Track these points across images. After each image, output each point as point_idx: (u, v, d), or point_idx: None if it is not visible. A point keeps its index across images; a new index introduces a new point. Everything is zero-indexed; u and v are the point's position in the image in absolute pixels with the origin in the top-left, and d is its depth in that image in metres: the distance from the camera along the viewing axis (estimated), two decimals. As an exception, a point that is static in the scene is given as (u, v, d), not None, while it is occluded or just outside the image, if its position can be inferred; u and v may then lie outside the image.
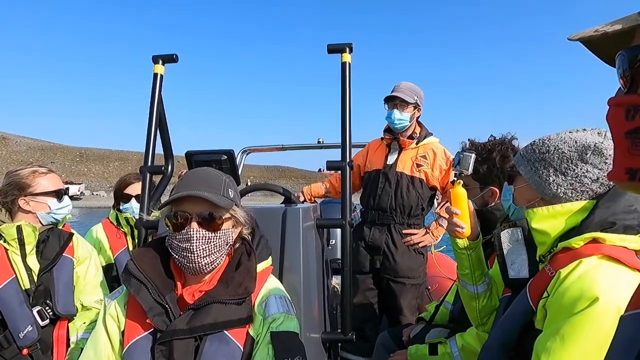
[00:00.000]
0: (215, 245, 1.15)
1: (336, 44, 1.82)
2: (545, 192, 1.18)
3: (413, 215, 2.59)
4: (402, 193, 2.55)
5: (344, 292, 1.70)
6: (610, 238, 1.04)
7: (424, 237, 2.58)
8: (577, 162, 1.12)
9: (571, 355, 0.95)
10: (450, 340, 1.65)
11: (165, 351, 1.09)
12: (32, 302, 1.67)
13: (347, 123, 1.77)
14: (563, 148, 1.14)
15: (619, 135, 0.48)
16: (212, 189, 1.16)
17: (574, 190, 1.13)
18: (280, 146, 3.78)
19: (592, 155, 1.11)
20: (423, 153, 2.59)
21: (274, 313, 1.16)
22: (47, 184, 1.77)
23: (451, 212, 1.42)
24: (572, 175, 1.13)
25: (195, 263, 1.12)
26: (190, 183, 1.18)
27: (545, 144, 1.19)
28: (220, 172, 1.26)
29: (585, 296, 0.97)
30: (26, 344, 1.61)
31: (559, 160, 1.14)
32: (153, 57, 1.96)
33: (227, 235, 1.19)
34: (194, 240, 1.11)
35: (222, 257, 1.19)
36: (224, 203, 1.15)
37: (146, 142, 1.93)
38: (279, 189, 2.01)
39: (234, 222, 1.22)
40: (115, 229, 2.46)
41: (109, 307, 1.20)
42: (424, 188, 2.58)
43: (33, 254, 1.72)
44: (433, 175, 2.57)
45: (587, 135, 1.13)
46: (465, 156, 1.46)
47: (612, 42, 0.50)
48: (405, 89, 2.58)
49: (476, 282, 1.44)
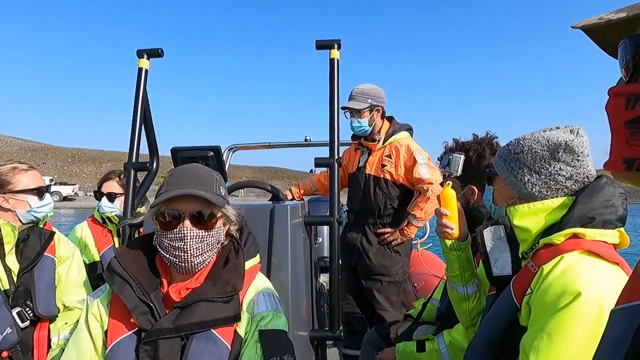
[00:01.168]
0: (209, 244, 1.13)
1: (325, 40, 1.82)
2: (521, 191, 1.20)
3: (384, 215, 2.64)
4: (370, 194, 2.62)
5: (332, 289, 1.70)
6: (590, 233, 1.07)
7: (394, 235, 2.62)
8: (549, 161, 1.15)
9: (559, 351, 0.97)
10: (437, 337, 1.67)
11: (150, 351, 1.07)
12: (11, 304, 1.62)
13: (335, 120, 1.77)
14: (536, 147, 1.17)
15: (618, 125, 0.47)
16: (205, 186, 1.14)
17: (549, 189, 1.16)
18: (267, 144, 3.76)
19: (564, 154, 1.13)
20: (388, 152, 2.63)
21: (262, 311, 1.15)
22: (28, 181, 1.73)
23: (440, 213, 1.42)
24: (545, 174, 1.16)
25: (188, 262, 1.10)
26: (182, 180, 1.15)
27: (520, 144, 1.21)
28: (210, 169, 1.23)
29: (568, 291, 0.99)
30: (5, 346, 1.57)
31: (533, 160, 1.17)
32: (138, 52, 1.93)
33: (219, 234, 1.17)
34: (187, 239, 1.09)
35: (212, 256, 1.17)
36: (219, 201, 1.13)
37: (130, 138, 1.90)
38: (267, 186, 2.00)
39: (224, 220, 1.20)
40: (100, 227, 2.42)
41: (92, 306, 1.18)
42: (390, 187, 2.61)
43: (12, 253, 1.67)
44: (398, 174, 2.60)
45: (559, 134, 1.15)
46: (454, 157, 1.46)
47: (615, 31, 0.50)
48: (356, 95, 2.62)
49: (466, 283, 1.45)
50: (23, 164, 1.77)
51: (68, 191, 43.52)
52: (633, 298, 0.51)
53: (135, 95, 1.91)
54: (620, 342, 0.49)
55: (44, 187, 1.78)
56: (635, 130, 0.45)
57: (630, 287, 0.54)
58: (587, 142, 1.15)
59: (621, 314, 0.53)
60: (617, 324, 0.53)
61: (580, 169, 1.14)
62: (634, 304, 0.51)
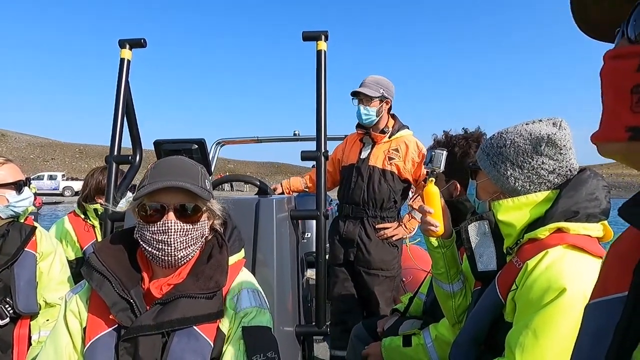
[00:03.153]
0: (192, 238, 1.11)
1: (312, 32, 1.79)
2: (504, 186, 1.19)
3: (385, 208, 2.62)
4: (374, 186, 2.58)
5: (318, 284, 1.69)
6: (574, 227, 1.06)
7: (397, 230, 2.61)
8: (532, 155, 1.13)
9: (545, 348, 0.96)
10: (423, 332, 1.66)
11: (130, 348, 1.04)
12: None
13: (322, 112, 1.75)
14: (518, 141, 1.15)
15: (622, 90, 0.43)
16: (190, 179, 1.11)
17: (532, 183, 1.15)
18: (255, 138, 3.73)
19: (546, 147, 1.12)
20: (395, 146, 2.61)
21: (245, 307, 1.13)
22: (5, 175, 1.68)
23: (424, 211, 1.41)
24: (528, 168, 1.14)
25: (172, 256, 1.08)
26: (166, 173, 1.11)
27: (503, 138, 1.19)
28: (195, 162, 1.20)
29: (553, 287, 0.98)
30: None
31: (515, 154, 1.15)
32: (120, 42, 1.88)
33: (204, 228, 1.15)
34: (171, 233, 1.07)
35: (196, 250, 1.15)
36: (204, 194, 1.11)
37: (112, 130, 1.86)
38: (254, 180, 1.98)
39: (209, 214, 1.18)
40: (82, 222, 2.37)
41: (70, 302, 1.14)
42: (396, 181, 2.60)
43: None
44: (405, 168, 2.59)
45: (541, 127, 1.14)
46: (437, 154, 1.44)
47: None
48: (370, 83, 2.59)
49: (452, 280, 1.44)
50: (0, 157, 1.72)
51: (79, 186, 44.28)
52: (609, 291, 0.50)
53: (117, 87, 1.86)
54: (600, 338, 0.48)
55: (22, 181, 1.74)
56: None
57: (603, 280, 0.53)
58: (569, 135, 1.13)
59: (597, 308, 0.52)
60: (594, 319, 0.52)
61: (563, 162, 1.13)
62: (611, 297, 0.49)
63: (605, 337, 0.46)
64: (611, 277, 0.51)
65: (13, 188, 1.69)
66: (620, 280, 0.48)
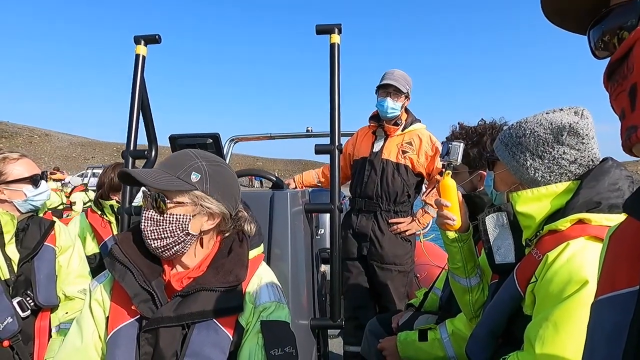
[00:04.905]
0: (165, 230, 1.07)
1: (325, 25, 1.78)
2: (523, 176, 1.17)
3: (399, 202, 2.60)
4: (387, 180, 2.56)
5: (333, 277, 1.69)
6: (596, 218, 1.03)
7: (411, 225, 2.59)
8: (553, 145, 1.11)
9: (565, 341, 0.94)
10: (440, 326, 1.65)
11: (151, 339, 1.05)
12: (12, 293, 1.62)
13: (336, 106, 1.75)
14: (539, 131, 1.12)
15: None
16: (169, 170, 1.09)
17: (552, 173, 1.12)
18: (268, 135, 3.74)
19: (568, 137, 1.09)
20: (409, 140, 2.59)
21: (265, 302, 1.13)
22: (21, 170, 1.70)
23: (441, 204, 1.38)
24: (549, 158, 1.11)
25: (148, 245, 1.09)
26: (163, 163, 1.14)
27: (522, 127, 1.17)
28: (197, 155, 1.15)
29: (575, 279, 0.96)
30: (6, 335, 1.57)
31: (535, 144, 1.13)
32: (135, 38, 1.91)
33: (182, 222, 1.08)
34: (143, 220, 1.08)
35: (182, 245, 1.10)
36: (163, 185, 1.06)
37: (128, 126, 1.88)
38: (268, 174, 1.99)
39: (194, 210, 1.10)
40: (99, 218, 2.41)
41: (95, 291, 1.16)
42: (410, 174, 2.58)
43: (12, 243, 1.66)
44: (419, 162, 2.57)
45: (563, 116, 1.11)
46: (454, 146, 1.40)
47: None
48: (399, 77, 2.57)
49: (469, 275, 1.41)
50: (14, 152, 1.75)
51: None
52: (617, 286, 0.49)
53: (132, 83, 1.89)
54: (615, 335, 0.46)
55: (38, 175, 1.76)
56: None
57: (609, 275, 0.52)
58: (592, 124, 1.10)
59: (607, 305, 0.50)
60: (605, 315, 0.50)
61: (585, 152, 1.10)
62: (621, 292, 0.48)
63: (620, 334, 0.45)
64: (619, 271, 0.50)
65: (30, 182, 1.72)
66: (631, 275, 0.47)
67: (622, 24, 0.46)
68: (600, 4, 0.50)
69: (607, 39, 0.49)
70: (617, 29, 0.47)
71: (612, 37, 0.48)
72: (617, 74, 0.45)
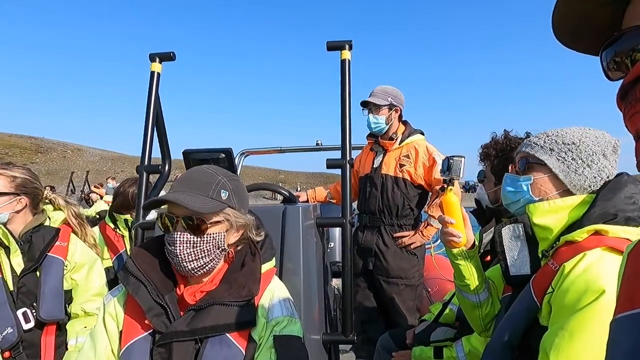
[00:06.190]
0: (203, 250, 1.09)
1: (336, 41, 1.82)
2: (574, 182, 1.16)
3: (401, 215, 2.61)
4: (387, 194, 2.59)
5: (345, 292, 1.68)
6: (613, 230, 1.03)
7: (414, 238, 2.58)
8: (599, 157, 1.14)
9: (580, 350, 0.93)
10: (456, 344, 1.62)
11: (164, 353, 1.05)
12: (17, 304, 1.60)
13: (347, 121, 1.77)
14: (587, 142, 1.15)
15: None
16: (200, 191, 1.11)
17: (595, 184, 1.15)
18: (278, 148, 3.77)
19: (611, 153, 1.15)
20: (406, 152, 2.61)
21: (277, 316, 1.13)
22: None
23: (445, 221, 1.34)
24: (595, 168, 1.15)
25: (182, 267, 1.09)
26: (181, 184, 1.13)
27: (568, 135, 1.18)
28: (216, 171, 1.18)
29: (592, 289, 0.95)
30: (5, 346, 1.54)
31: (586, 153, 1.15)
32: (150, 55, 1.96)
33: (218, 240, 1.12)
34: (177, 244, 1.08)
35: (215, 261, 1.13)
36: (206, 208, 1.08)
37: (143, 141, 1.92)
38: (280, 188, 2.00)
39: (227, 226, 1.15)
40: (112, 232, 2.44)
41: (108, 305, 1.17)
42: (409, 187, 2.59)
43: (18, 254, 1.65)
44: (417, 174, 2.58)
45: (605, 134, 1.17)
46: (455, 161, 1.37)
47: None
48: (377, 92, 2.64)
49: (477, 291, 1.38)
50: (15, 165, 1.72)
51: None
52: (638, 304, 0.47)
53: (147, 99, 1.94)
54: (634, 355, 0.44)
55: None
56: None
57: (629, 291, 0.50)
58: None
59: (628, 323, 0.48)
60: (625, 334, 0.48)
61: (613, 169, 1.16)
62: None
63: (639, 353, 0.44)
64: (639, 288, 0.48)
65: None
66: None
67: (634, 46, 0.48)
68: (613, 26, 0.52)
69: (620, 60, 0.50)
70: (629, 51, 0.48)
71: (624, 58, 0.49)
72: (631, 95, 0.46)
